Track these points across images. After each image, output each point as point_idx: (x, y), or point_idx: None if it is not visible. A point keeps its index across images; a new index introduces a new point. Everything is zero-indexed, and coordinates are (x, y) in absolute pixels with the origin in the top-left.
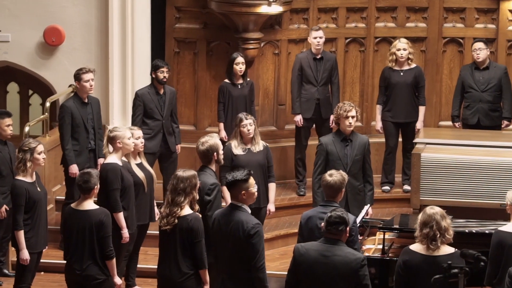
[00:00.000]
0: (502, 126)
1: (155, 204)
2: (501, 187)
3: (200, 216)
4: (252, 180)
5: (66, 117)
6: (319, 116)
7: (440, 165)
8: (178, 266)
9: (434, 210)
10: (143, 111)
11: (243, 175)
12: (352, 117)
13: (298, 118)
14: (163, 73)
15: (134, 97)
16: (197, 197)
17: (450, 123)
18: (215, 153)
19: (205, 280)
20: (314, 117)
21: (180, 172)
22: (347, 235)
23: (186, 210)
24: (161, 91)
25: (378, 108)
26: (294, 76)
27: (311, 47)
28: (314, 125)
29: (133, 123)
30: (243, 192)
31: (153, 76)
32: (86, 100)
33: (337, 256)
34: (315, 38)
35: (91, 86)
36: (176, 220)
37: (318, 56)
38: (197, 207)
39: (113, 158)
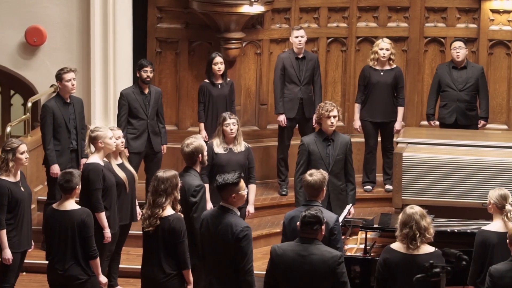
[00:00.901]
0: (479, 126)
1: (136, 204)
2: (483, 186)
3: (182, 216)
4: (242, 183)
5: (48, 117)
6: (302, 116)
7: (421, 164)
8: (161, 266)
9: (413, 210)
10: (127, 110)
11: (234, 178)
12: (334, 116)
13: (282, 118)
14: (147, 73)
15: (119, 96)
16: (179, 197)
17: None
18: (200, 155)
19: (188, 281)
20: (297, 117)
21: (161, 173)
22: (323, 233)
23: (168, 211)
24: (146, 91)
25: (357, 107)
26: (277, 76)
27: (293, 47)
28: (297, 125)
29: (118, 123)
30: (234, 195)
31: (138, 75)
32: (68, 100)
33: (313, 255)
34: (296, 37)
35: (73, 85)
36: (158, 221)
37: (300, 56)
38: (179, 207)
39: (95, 158)
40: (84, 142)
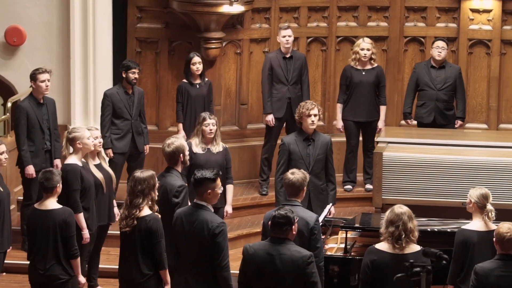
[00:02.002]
0: (456, 126)
1: (114, 205)
2: (463, 185)
3: (160, 216)
4: (219, 181)
5: (22, 117)
6: (290, 115)
7: (402, 164)
8: (139, 267)
9: (402, 210)
10: (112, 111)
11: (212, 174)
12: (315, 115)
13: (270, 117)
14: (134, 74)
15: (103, 97)
16: (156, 198)
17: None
18: (181, 155)
19: (165, 281)
20: (285, 117)
21: (138, 174)
22: (295, 233)
23: (145, 211)
24: (130, 91)
25: (339, 107)
26: (265, 76)
27: (280, 46)
28: (284, 124)
29: (102, 123)
30: (209, 191)
31: (124, 76)
32: (41, 101)
33: (283, 255)
34: (284, 37)
35: (46, 86)
36: (135, 222)
37: (288, 55)
38: (156, 207)
39: (73, 159)
40: (58, 143)
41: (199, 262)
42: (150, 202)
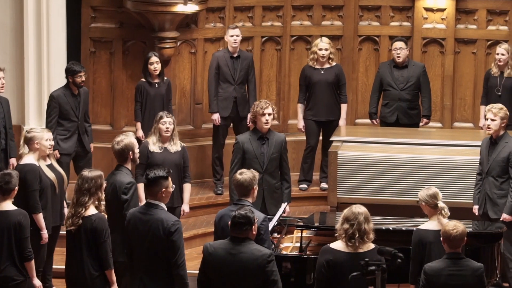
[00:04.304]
0: (421, 124)
1: (65, 206)
2: (417, 183)
3: (106, 216)
4: (170, 180)
5: None
6: (236, 115)
7: (357, 162)
8: (84, 267)
9: (360, 210)
10: (58, 112)
11: (164, 172)
12: (269, 114)
13: (216, 116)
14: (81, 77)
15: (49, 98)
16: (103, 197)
17: (366, 120)
18: (130, 152)
19: (111, 281)
20: (231, 116)
21: (86, 172)
22: (255, 233)
23: (91, 211)
24: (76, 92)
25: (300, 107)
26: (211, 75)
27: (228, 46)
28: (231, 124)
29: (48, 125)
30: (164, 189)
31: (70, 80)
32: None
33: (243, 254)
34: (232, 36)
35: (2, 85)
36: (81, 221)
37: (235, 55)
38: (102, 207)
39: (30, 159)
40: (13, 142)
41: (155, 261)
42: (96, 202)
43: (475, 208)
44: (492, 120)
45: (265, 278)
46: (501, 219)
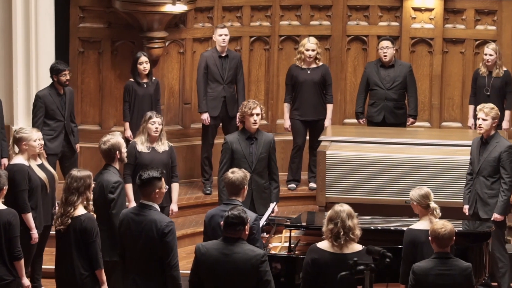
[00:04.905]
0: (408, 123)
1: (56, 205)
2: (405, 183)
3: (95, 216)
4: (163, 180)
5: None
6: (225, 114)
7: (345, 162)
8: (74, 267)
9: (342, 208)
10: (44, 112)
11: (158, 173)
12: (257, 114)
13: (205, 116)
14: (66, 76)
15: (35, 98)
16: (91, 197)
17: (355, 120)
18: (117, 152)
19: (101, 281)
20: (221, 115)
21: (75, 172)
22: (247, 233)
23: (80, 210)
24: (61, 92)
25: (286, 107)
26: (200, 75)
27: (216, 45)
28: (221, 124)
29: (34, 125)
30: (157, 190)
31: (55, 79)
32: None
33: (236, 254)
34: (220, 35)
35: None
36: (70, 220)
37: (223, 54)
38: (91, 207)
39: (20, 159)
40: (5, 142)
41: (148, 262)
42: (85, 202)
43: (466, 208)
44: (484, 119)
45: (258, 279)
46: (492, 219)
